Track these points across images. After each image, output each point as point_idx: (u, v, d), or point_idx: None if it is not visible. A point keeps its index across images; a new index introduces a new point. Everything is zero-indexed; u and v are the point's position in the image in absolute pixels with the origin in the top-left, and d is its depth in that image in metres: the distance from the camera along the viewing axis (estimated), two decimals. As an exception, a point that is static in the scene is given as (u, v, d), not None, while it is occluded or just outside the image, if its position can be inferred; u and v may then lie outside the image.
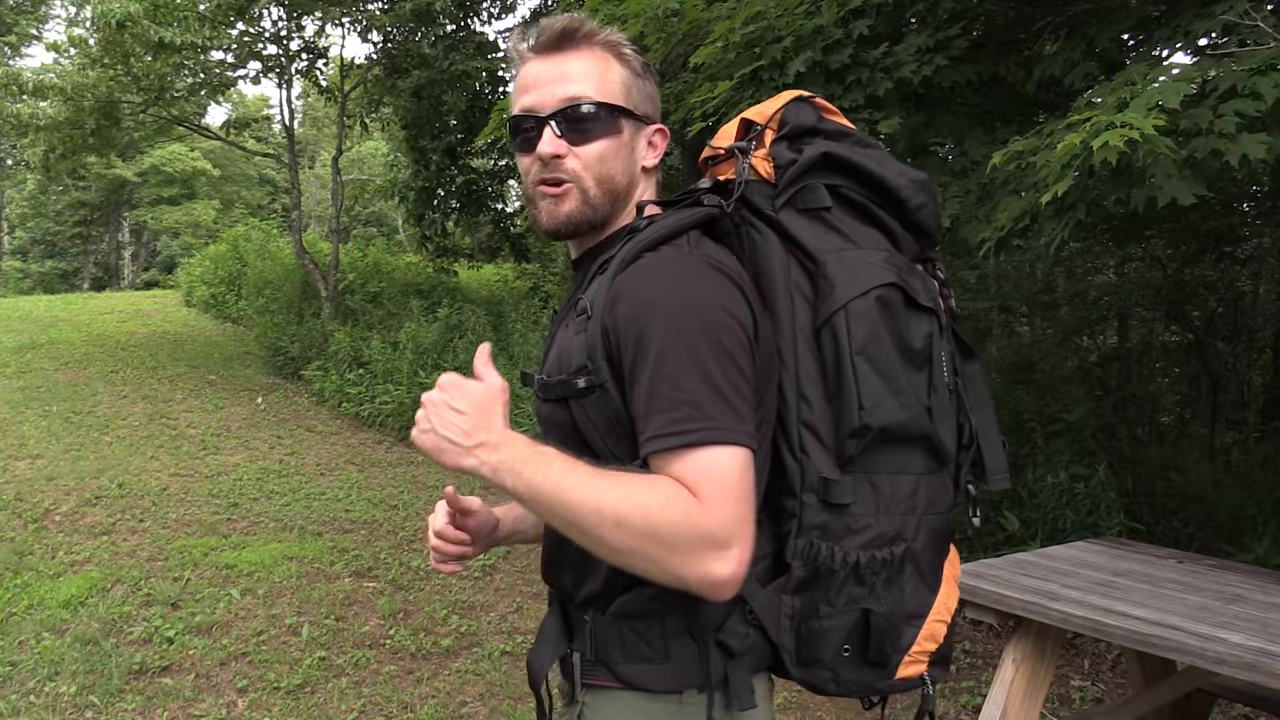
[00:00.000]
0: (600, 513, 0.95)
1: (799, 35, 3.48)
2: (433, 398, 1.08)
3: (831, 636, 1.06)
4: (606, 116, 1.13)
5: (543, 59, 1.15)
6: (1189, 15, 2.87)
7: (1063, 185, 2.48)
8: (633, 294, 1.03)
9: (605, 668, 1.10)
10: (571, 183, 1.13)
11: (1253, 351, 7.57)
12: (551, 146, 1.12)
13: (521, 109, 1.15)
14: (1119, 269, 8.43)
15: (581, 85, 1.13)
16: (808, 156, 1.12)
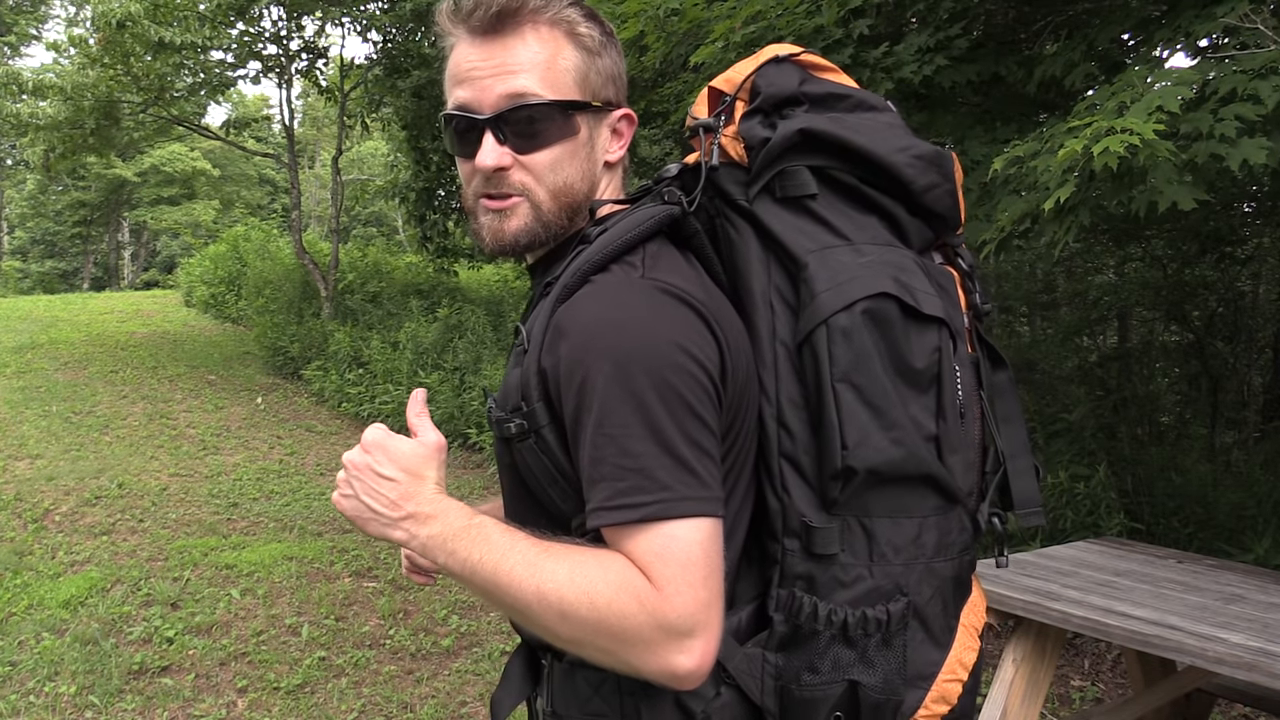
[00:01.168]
0: (544, 601, 0.82)
1: (799, 35, 3.48)
2: (355, 460, 0.92)
3: (820, 707, 0.90)
4: (560, 116, 0.93)
5: (478, 42, 0.93)
6: (1189, 16, 2.87)
7: (1065, 192, 2.48)
8: (572, 332, 0.87)
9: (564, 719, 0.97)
10: (520, 196, 0.95)
11: (1253, 351, 7.57)
12: (494, 158, 0.92)
13: (456, 105, 0.94)
14: (1119, 269, 8.43)
15: (527, 78, 0.92)
16: (782, 134, 0.93)
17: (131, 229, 32.94)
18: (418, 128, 11.27)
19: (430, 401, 7.85)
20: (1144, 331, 8.63)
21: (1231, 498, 4.60)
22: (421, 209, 11.97)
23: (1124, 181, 2.55)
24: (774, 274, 0.93)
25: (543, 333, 0.89)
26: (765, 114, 0.96)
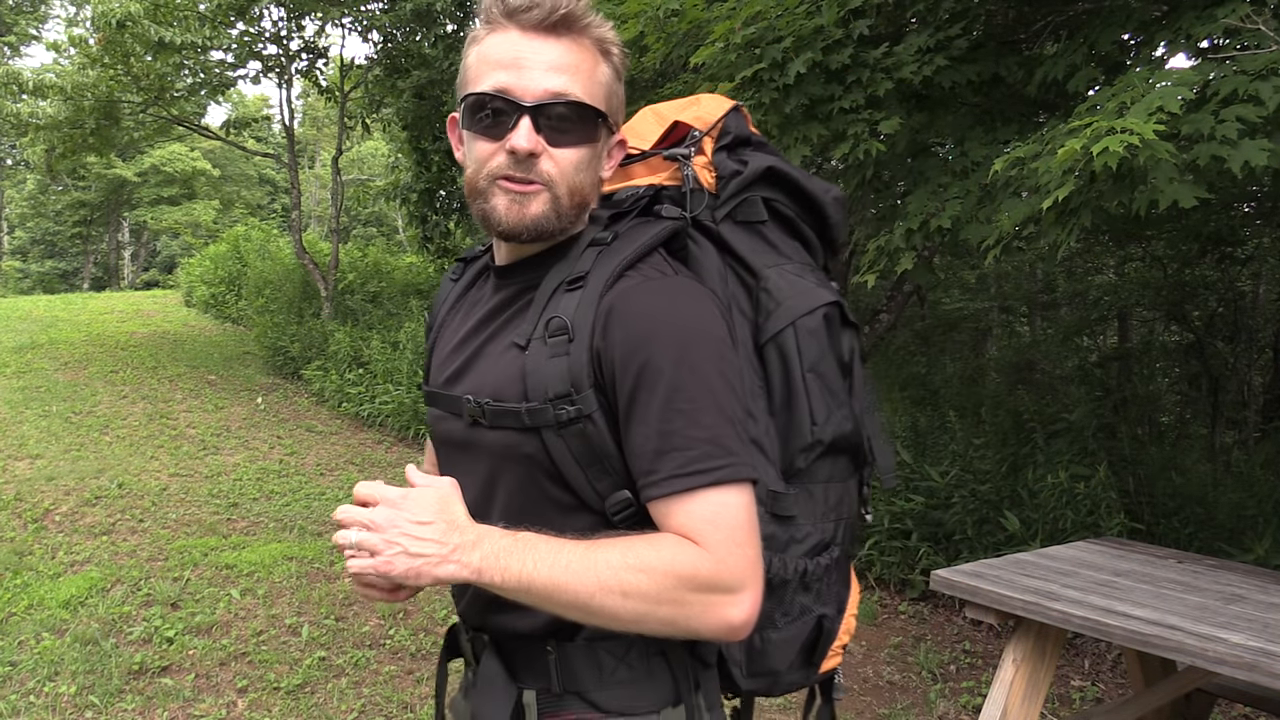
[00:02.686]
0: (605, 588, 0.90)
1: (799, 35, 3.47)
2: (383, 519, 0.94)
3: (787, 646, 1.06)
4: (591, 121, 1.01)
5: (530, 36, 0.99)
6: (1189, 18, 2.87)
7: (1064, 191, 2.48)
8: (629, 320, 0.96)
9: (578, 698, 1.03)
10: (544, 186, 1.00)
11: (1253, 351, 7.57)
12: (529, 142, 0.98)
13: (495, 88, 0.99)
14: (1119, 269, 8.44)
15: (571, 80, 0.99)
16: (753, 169, 1.10)
17: (131, 229, 32.94)
18: (418, 129, 11.27)
19: (430, 401, 7.84)
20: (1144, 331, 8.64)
21: (1232, 498, 4.60)
22: (423, 210, 11.97)
23: (1124, 182, 2.55)
24: (730, 284, 1.08)
25: (591, 322, 0.97)
26: (730, 150, 1.13)
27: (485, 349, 1.08)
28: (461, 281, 1.21)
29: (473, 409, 1.03)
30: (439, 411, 1.13)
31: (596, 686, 1.03)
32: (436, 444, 1.17)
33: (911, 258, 3.40)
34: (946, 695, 3.58)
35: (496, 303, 1.10)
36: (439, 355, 1.17)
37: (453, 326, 1.17)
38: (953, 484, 4.69)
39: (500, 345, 1.06)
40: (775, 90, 3.47)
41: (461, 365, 1.10)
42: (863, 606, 4.49)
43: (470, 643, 1.14)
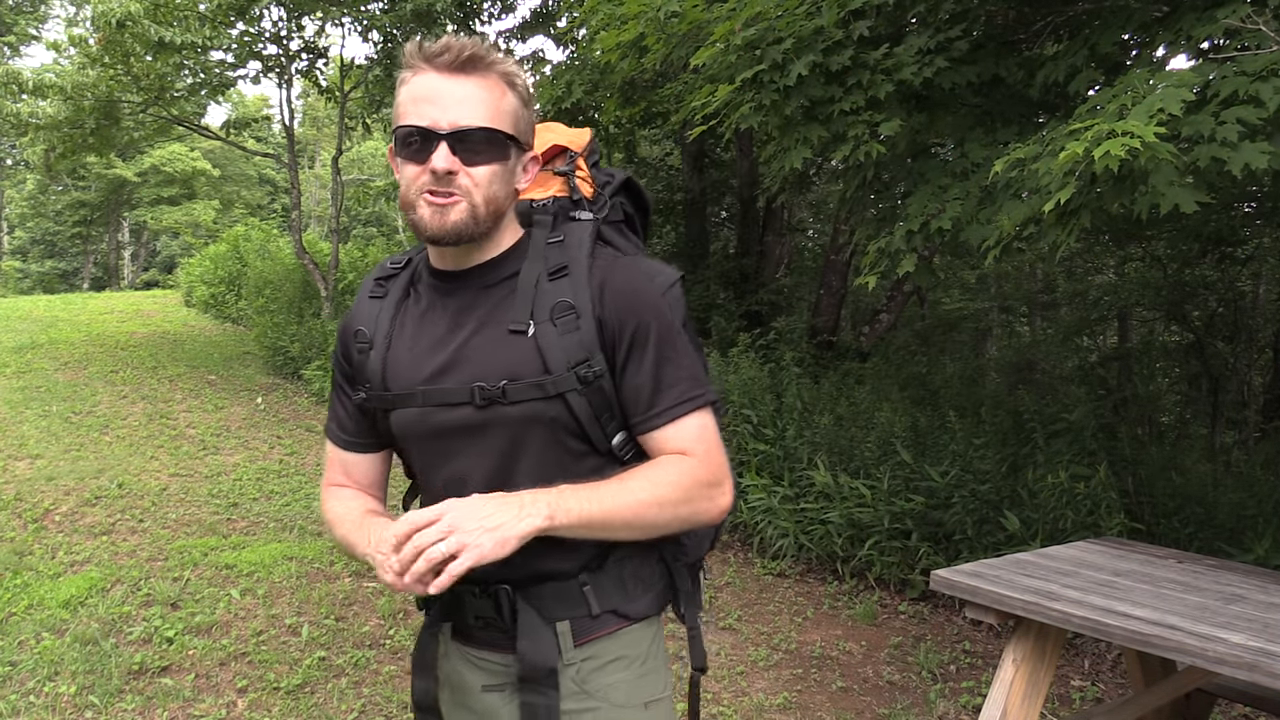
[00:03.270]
0: (644, 504, 1.18)
1: (799, 37, 3.47)
2: (451, 520, 1.09)
3: (710, 531, 1.37)
4: (499, 143, 1.20)
5: (445, 76, 1.19)
6: (1190, 19, 2.87)
7: (1065, 193, 2.48)
8: (619, 291, 1.23)
9: (613, 614, 1.27)
10: (461, 197, 1.19)
11: (1253, 351, 7.57)
12: (446, 163, 1.17)
13: (419, 123, 1.18)
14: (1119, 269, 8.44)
15: (479, 111, 1.18)
16: (619, 180, 1.42)
17: (131, 229, 32.93)
18: (418, 128, 11.26)
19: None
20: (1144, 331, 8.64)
21: (1232, 498, 4.60)
22: (422, 210, 11.95)
23: (1125, 184, 2.55)
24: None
25: (590, 298, 1.22)
26: (595, 166, 1.43)
27: (472, 341, 1.24)
28: (390, 298, 1.34)
29: (489, 392, 1.20)
30: (424, 407, 1.25)
31: (624, 600, 1.28)
32: (421, 439, 1.28)
33: (912, 259, 3.40)
34: (946, 695, 3.59)
35: (460, 303, 1.27)
36: (403, 361, 1.28)
37: (408, 333, 1.30)
38: (953, 484, 4.69)
39: (492, 335, 1.23)
40: (776, 92, 3.47)
41: (448, 361, 1.24)
42: (863, 606, 4.48)
43: (485, 599, 1.26)
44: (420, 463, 1.31)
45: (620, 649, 1.28)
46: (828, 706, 3.48)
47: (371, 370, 1.30)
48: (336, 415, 1.40)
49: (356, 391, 1.34)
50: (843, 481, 4.97)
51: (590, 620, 1.26)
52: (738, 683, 3.65)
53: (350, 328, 1.35)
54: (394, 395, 1.28)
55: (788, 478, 5.24)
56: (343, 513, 1.34)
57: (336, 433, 1.40)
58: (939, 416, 5.51)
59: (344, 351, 1.37)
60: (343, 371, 1.37)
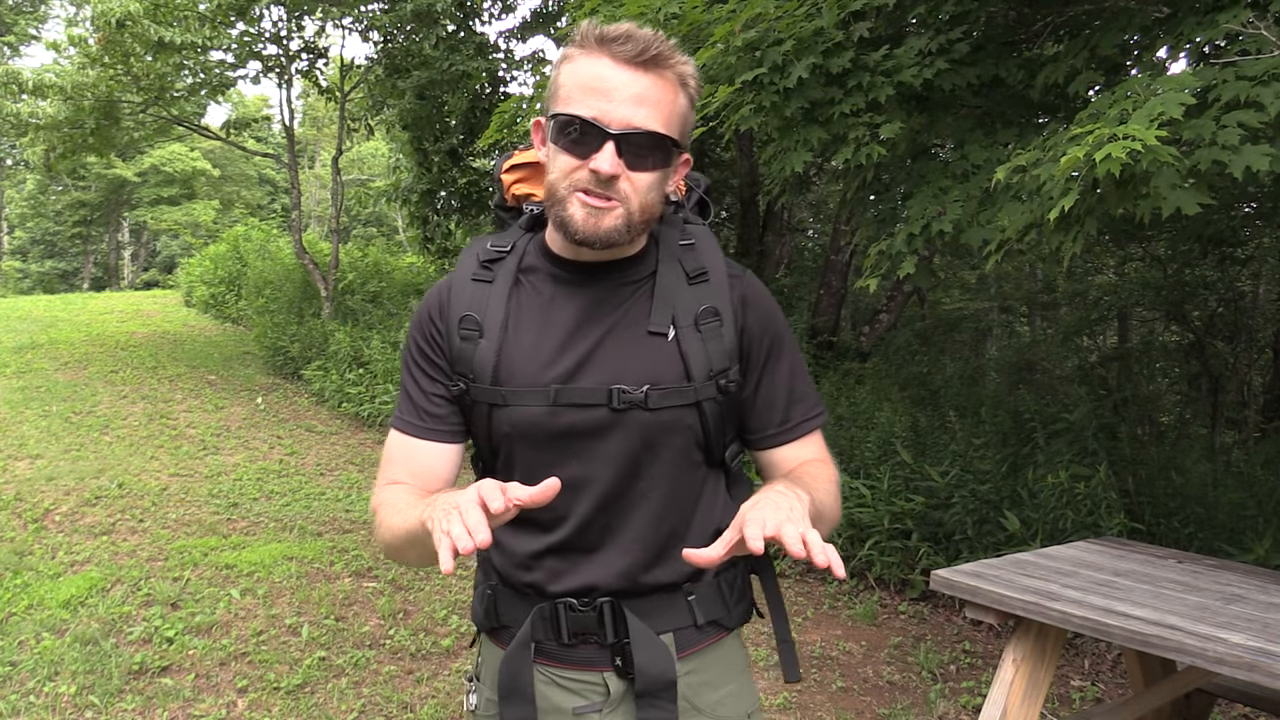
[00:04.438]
0: (826, 516, 1.18)
1: (799, 38, 3.47)
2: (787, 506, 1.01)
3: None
4: (665, 149, 1.13)
5: (623, 68, 1.10)
6: (1190, 22, 2.86)
7: (1068, 200, 2.47)
8: (758, 306, 1.23)
9: (714, 625, 1.24)
10: (619, 203, 1.11)
11: (1253, 351, 7.57)
12: (611, 166, 1.09)
13: (588, 114, 1.09)
14: (1119, 269, 8.44)
15: (655, 114, 1.10)
16: (704, 185, 1.41)
17: (131, 229, 32.93)
18: (420, 129, 11.27)
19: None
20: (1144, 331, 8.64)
21: (1232, 498, 4.60)
22: (424, 211, 11.98)
23: (1128, 189, 2.55)
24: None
25: (732, 308, 1.20)
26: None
27: (607, 341, 1.18)
28: (499, 283, 1.23)
29: (631, 395, 1.15)
30: (553, 406, 1.16)
31: (724, 611, 1.25)
32: (541, 439, 1.18)
33: (913, 262, 3.40)
34: (946, 695, 3.59)
35: (592, 299, 1.20)
36: (523, 355, 1.18)
37: (528, 326, 1.20)
38: (953, 484, 4.69)
39: (630, 336, 1.18)
40: (776, 93, 3.46)
41: (581, 359, 1.17)
42: (863, 606, 4.48)
43: (588, 612, 1.19)
44: (529, 462, 1.19)
45: (722, 660, 1.26)
46: (828, 706, 3.48)
47: (480, 361, 1.19)
48: (412, 402, 1.24)
49: (453, 381, 1.22)
50: (843, 481, 4.96)
51: (694, 631, 1.23)
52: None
53: (450, 311, 1.22)
54: (510, 391, 1.18)
55: (788, 478, 5.23)
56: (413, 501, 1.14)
57: (411, 421, 1.24)
58: (939, 416, 5.51)
59: (434, 335, 1.23)
60: (429, 357, 1.23)
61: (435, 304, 1.24)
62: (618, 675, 1.20)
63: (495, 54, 10.84)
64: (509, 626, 1.24)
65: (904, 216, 3.43)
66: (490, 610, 1.26)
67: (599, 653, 1.20)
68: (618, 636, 1.19)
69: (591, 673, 1.20)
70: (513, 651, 1.21)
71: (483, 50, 10.61)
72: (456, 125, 11.18)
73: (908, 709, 3.47)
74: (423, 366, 1.24)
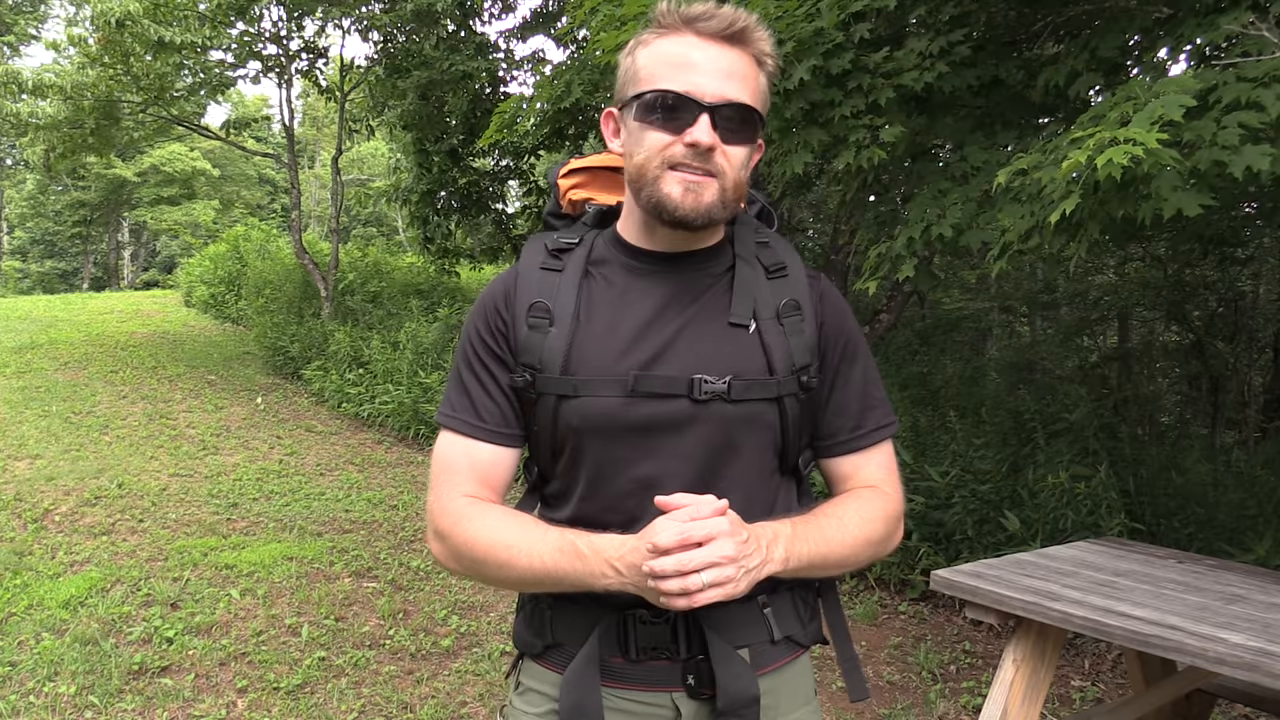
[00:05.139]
0: (859, 543, 1.14)
1: (799, 39, 3.46)
2: (729, 550, 0.98)
3: None
4: (755, 123, 1.12)
5: (708, 43, 1.09)
6: (1191, 24, 2.86)
7: (1070, 204, 2.47)
8: (835, 306, 1.21)
9: (789, 641, 1.19)
10: (716, 177, 1.09)
11: (1253, 351, 7.57)
12: (710, 137, 1.07)
13: (680, 88, 1.07)
14: (1119, 269, 8.43)
15: (744, 87, 1.10)
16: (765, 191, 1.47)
17: (131, 229, 32.93)
18: (421, 130, 11.28)
19: (429, 402, 7.84)
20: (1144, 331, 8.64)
21: (1232, 498, 4.60)
22: (425, 211, 11.99)
23: (1129, 191, 2.54)
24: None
25: (813, 304, 1.18)
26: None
27: (686, 331, 1.13)
28: (569, 272, 1.17)
29: (713, 385, 1.10)
30: (630, 397, 1.10)
31: (799, 627, 1.20)
32: (616, 431, 1.11)
33: (912, 265, 3.39)
34: (946, 695, 3.58)
35: (670, 289, 1.16)
36: (597, 344, 1.13)
37: (602, 314, 1.15)
38: (953, 484, 4.69)
39: (710, 327, 1.14)
40: (776, 94, 3.46)
41: (660, 349, 1.12)
42: (863, 607, 4.48)
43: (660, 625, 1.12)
44: (601, 458, 1.12)
45: (794, 682, 1.20)
46: (828, 706, 3.48)
47: (550, 350, 1.12)
48: (471, 401, 1.16)
49: (516, 373, 1.14)
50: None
51: (770, 647, 1.16)
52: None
53: (517, 299, 1.15)
54: (583, 380, 1.11)
55: (788, 478, 5.23)
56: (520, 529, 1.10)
57: (470, 421, 1.15)
58: (939, 416, 5.51)
59: (498, 326, 1.16)
60: (492, 350, 1.16)
61: (501, 293, 1.18)
62: (689, 696, 1.12)
63: (495, 54, 10.84)
64: (563, 645, 1.15)
65: (904, 219, 3.42)
66: (544, 628, 1.17)
67: (669, 671, 1.11)
68: (690, 652, 1.11)
69: (660, 693, 1.12)
70: (578, 672, 1.12)
71: (483, 50, 10.61)
72: (457, 125, 11.18)
73: (908, 709, 3.47)
74: (484, 361, 1.16)
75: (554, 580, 1.05)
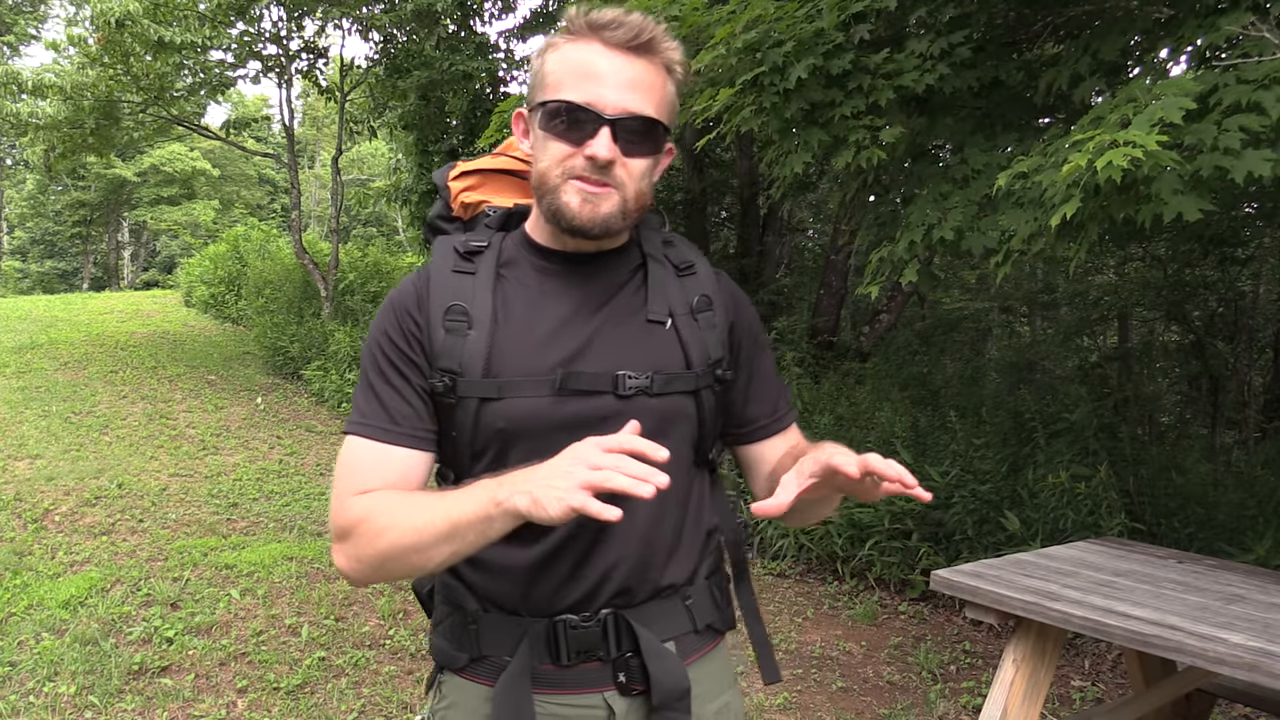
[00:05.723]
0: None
1: (799, 39, 3.46)
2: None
3: None
4: (658, 135, 1.12)
5: (614, 53, 1.08)
6: (1191, 25, 2.86)
7: (1070, 207, 2.47)
8: (740, 298, 1.27)
9: (711, 630, 1.22)
10: (615, 189, 1.10)
11: (1253, 351, 7.58)
12: (609, 151, 1.07)
13: (582, 100, 1.07)
14: (1119, 269, 8.43)
15: (647, 99, 1.09)
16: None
17: (131, 229, 32.93)
18: (422, 130, 11.28)
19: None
20: (1144, 331, 8.64)
21: (1232, 498, 4.60)
22: (424, 211, 11.98)
23: (1129, 194, 2.54)
24: None
25: (723, 300, 1.23)
26: None
27: (605, 330, 1.15)
28: (482, 275, 1.16)
29: (637, 380, 1.12)
30: (557, 395, 1.10)
31: (717, 614, 1.22)
32: (543, 430, 1.10)
33: (915, 269, 3.40)
34: (946, 695, 3.58)
35: (585, 291, 1.17)
36: (518, 345, 1.12)
37: (519, 316, 1.14)
38: (953, 484, 4.69)
39: (628, 324, 1.16)
40: (776, 94, 3.46)
41: (581, 347, 1.12)
42: (863, 607, 4.48)
43: (591, 627, 1.11)
44: (528, 458, 1.05)
45: (720, 668, 1.24)
46: (828, 706, 3.48)
47: (470, 352, 1.11)
48: (382, 405, 1.13)
49: (432, 378, 1.12)
50: (843, 481, 4.96)
51: (694, 637, 1.19)
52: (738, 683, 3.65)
53: (430, 302, 1.14)
54: (507, 382, 1.10)
55: (788, 478, 5.23)
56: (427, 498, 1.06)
57: (381, 426, 1.12)
58: (939, 416, 5.51)
59: (411, 330, 1.14)
60: (404, 354, 1.13)
61: (412, 296, 1.15)
62: (620, 693, 1.12)
63: (495, 54, 10.84)
64: (489, 657, 1.13)
65: (905, 222, 3.42)
66: (468, 640, 1.15)
67: (599, 672, 1.12)
68: (620, 650, 1.12)
69: (592, 694, 1.12)
70: (510, 684, 1.10)
71: (483, 50, 10.61)
72: (457, 126, 11.18)
73: (908, 709, 3.47)
74: (396, 365, 1.13)
75: (461, 529, 0.99)
